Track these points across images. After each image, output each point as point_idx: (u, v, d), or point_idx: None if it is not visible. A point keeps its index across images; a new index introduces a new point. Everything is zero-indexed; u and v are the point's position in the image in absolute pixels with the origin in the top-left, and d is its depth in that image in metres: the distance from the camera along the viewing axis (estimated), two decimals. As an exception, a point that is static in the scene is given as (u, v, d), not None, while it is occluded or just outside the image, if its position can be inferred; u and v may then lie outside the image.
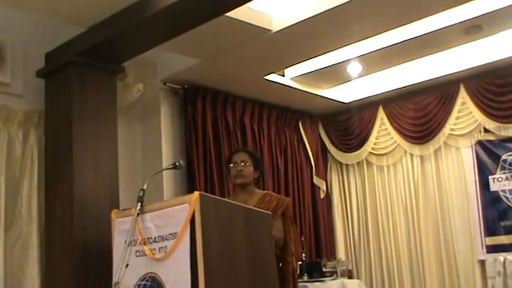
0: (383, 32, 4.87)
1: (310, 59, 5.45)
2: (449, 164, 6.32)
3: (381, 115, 6.76)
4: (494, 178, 5.98)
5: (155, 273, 3.02)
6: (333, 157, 7.19)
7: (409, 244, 6.49)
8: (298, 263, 3.91)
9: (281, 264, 3.51)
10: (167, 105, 5.59)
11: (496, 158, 5.98)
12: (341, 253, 6.96)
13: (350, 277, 6.26)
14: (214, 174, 5.61)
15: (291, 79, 6.06)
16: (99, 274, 3.52)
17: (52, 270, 4.10)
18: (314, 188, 6.95)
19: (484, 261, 5.93)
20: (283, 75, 5.99)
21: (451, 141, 6.27)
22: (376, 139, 6.83)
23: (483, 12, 4.74)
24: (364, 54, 5.44)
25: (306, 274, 5.91)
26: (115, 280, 3.02)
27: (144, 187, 3.24)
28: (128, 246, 3.08)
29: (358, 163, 7.03)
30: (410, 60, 5.82)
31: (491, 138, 6.03)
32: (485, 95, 5.96)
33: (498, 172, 5.96)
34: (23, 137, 4.32)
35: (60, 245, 4.04)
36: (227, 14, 4.04)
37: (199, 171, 5.52)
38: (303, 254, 6.12)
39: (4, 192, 4.15)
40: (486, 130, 6.02)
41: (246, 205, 3.46)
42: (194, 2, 3.62)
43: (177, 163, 3.55)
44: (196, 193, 2.91)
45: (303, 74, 5.96)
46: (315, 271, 6.01)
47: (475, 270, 5.99)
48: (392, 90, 6.44)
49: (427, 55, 5.71)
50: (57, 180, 4.17)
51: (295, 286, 3.61)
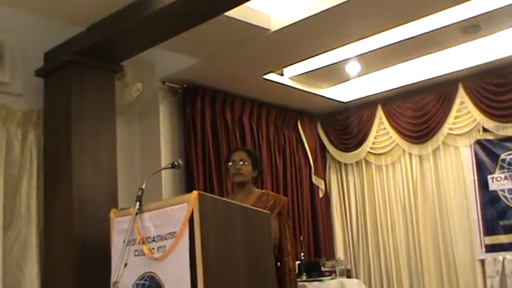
0: (382, 32, 4.88)
1: (309, 59, 5.46)
2: (448, 164, 6.32)
3: (380, 114, 6.76)
4: (493, 177, 5.99)
5: (154, 272, 3.02)
6: (332, 156, 7.20)
7: (408, 243, 6.50)
8: (295, 263, 3.88)
9: (279, 263, 3.51)
10: (166, 104, 5.59)
11: (495, 158, 5.99)
12: (340, 252, 6.97)
13: (349, 276, 6.26)
14: (213, 173, 5.61)
15: (290, 78, 6.06)
16: (97, 273, 3.51)
17: (51, 269, 4.10)
18: (313, 188, 6.95)
19: (483, 260, 5.94)
20: (282, 74, 5.99)
21: (450, 140, 6.27)
22: (374, 138, 6.83)
23: (481, 11, 4.74)
24: (362, 53, 5.44)
25: (305, 273, 5.91)
26: (113, 279, 3.02)
27: (143, 186, 3.24)
28: (127, 245, 3.07)
29: (356, 162, 7.03)
30: (408, 59, 5.82)
31: (490, 137, 6.03)
32: (484, 95, 5.97)
33: (497, 171, 5.97)
34: (22, 136, 4.32)
35: (59, 245, 4.04)
36: (226, 14, 4.04)
37: (198, 170, 5.52)
38: (302, 254, 6.12)
39: (3, 191, 4.15)
40: (485, 129, 6.02)
41: (244, 204, 3.46)
42: (193, 2, 3.62)
43: (176, 162, 3.55)
44: (195, 192, 2.91)
45: (302, 74, 5.96)
46: (314, 270, 6.01)
47: (474, 269, 5.99)
48: (391, 89, 6.44)
49: (426, 55, 5.71)
50: (56, 179, 4.17)
51: (293, 285, 3.61)
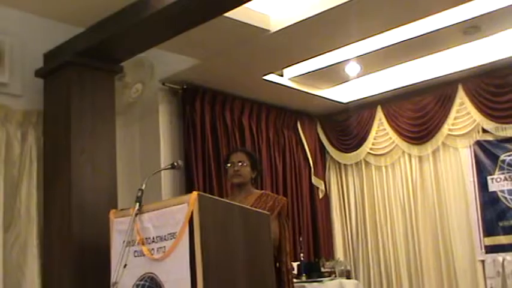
0: (381, 33, 4.88)
1: (308, 59, 5.46)
2: (447, 165, 6.32)
3: (379, 115, 6.77)
4: (492, 178, 5.99)
5: (153, 273, 3.02)
6: (332, 157, 7.20)
7: (407, 244, 6.50)
8: (292, 263, 3.89)
9: (277, 264, 3.52)
10: (166, 105, 5.59)
11: (495, 159, 5.99)
12: (339, 253, 6.97)
13: (348, 277, 6.25)
14: (212, 174, 5.61)
15: (290, 79, 6.07)
16: (97, 274, 3.51)
17: (51, 270, 4.09)
18: (312, 188, 6.95)
19: (483, 261, 5.94)
20: (281, 75, 6.00)
21: (450, 141, 6.28)
22: (374, 139, 6.84)
23: (481, 12, 4.75)
24: (362, 54, 5.45)
25: (304, 274, 5.91)
26: (113, 280, 3.01)
27: (143, 187, 3.24)
28: (126, 246, 3.07)
29: (356, 163, 7.04)
30: (408, 60, 5.83)
31: (489, 138, 6.03)
32: (483, 96, 5.97)
33: (497, 172, 5.97)
34: (22, 137, 4.31)
35: (58, 245, 4.03)
36: (225, 15, 4.04)
37: (197, 171, 5.52)
38: (301, 254, 6.12)
39: (3, 192, 4.13)
40: (484, 130, 6.02)
41: (244, 205, 3.46)
42: (193, 2, 3.61)
43: (176, 163, 3.54)
44: (194, 193, 2.91)
45: (302, 74, 5.97)
46: (313, 271, 6.01)
47: (474, 270, 5.99)
48: (390, 90, 6.45)
49: (425, 55, 5.71)
50: (55, 180, 4.16)
51: (290, 286, 3.61)
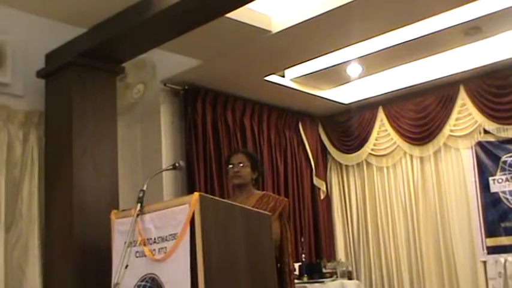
0: (383, 34, 4.88)
1: (310, 60, 5.46)
2: (449, 165, 6.32)
3: (381, 116, 6.77)
4: (494, 179, 5.99)
5: (155, 274, 3.02)
6: (333, 158, 7.20)
7: (409, 245, 6.49)
8: (294, 264, 3.88)
9: (279, 265, 3.52)
10: (167, 105, 5.59)
11: (496, 159, 5.99)
12: (341, 254, 6.97)
13: (350, 278, 6.26)
14: (214, 175, 5.61)
15: (291, 80, 6.07)
16: (98, 275, 3.52)
17: (52, 270, 4.09)
18: (314, 189, 6.95)
19: (485, 262, 5.94)
20: (283, 76, 6.00)
21: (451, 142, 6.28)
22: (375, 140, 6.84)
23: (482, 13, 4.75)
24: (364, 55, 5.45)
25: (306, 275, 5.91)
26: (114, 281, 3.01)
27: (144, 188, 3.23)
28: (128, 247, 3.07)
29: (357, 164, 7.04)
30: (410, 61, 5.83)
31: (491, 139, 6.03)
32: (485, 96, 5.97)
33: (498, 173, 5.96)
34: (23, 137, 4.32)
35: (60, 246, 4.04)
36: (227, 15, 4.05)
37: (199, 172, 5.52)
38: (303, 255, 6.12)
39: (4, 192, 4.14)
40: (486, 131, 6.03)
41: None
42: (194, 3, 3.62)
43: (177, 164, 3.54)
44: (196, 194, 2.91)
45: (303, 75, 5.97)
46: (315, 272, 6.01)
47: (476, 271, 5.99)
48: (392, 91, 6.45)
49: (427, 56, 5.71)
50: (57, 180, 4.16)
51: (292, 287, 3.61)
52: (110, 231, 3.37)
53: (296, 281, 5.54)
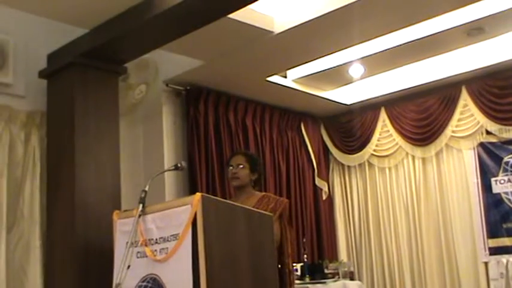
0: (385, 34, 4.87)
1: (312, 61, 5.45)
2: (451, 166, 6.31)
3: (383, 117, 6.76)
4: (496, 180, 5.97)
5: (156, 274, 3.02)
6: (335, 159, 7.20)
7: (411, 246, 6.49)
8: (294, 265, 3.86)
9: (279, 265, 3.51)
10: (169, 106, 5.59)
11: (498, 160, 5.98)
12: (343, 255, 6.97)
13: (352, 279, 6.26)
14: (216, 175, 5.61)
15: (293, 81, 6.06)
16: (100, 275, 3.52)
17: (54, 271, 4.10)
18: (316, 190, 6.95)
19: (487, 263, 5.93)
20: (285, 76, 5.99)
21: (453, 143, 6.27)
22: (378, 141, 6.83)
23: (485, 14, 4.74)
24: (366, 56, 5.45)
25: (308, 275, 5.91)
26: (116, 281, 3.01)
27: (146, 188, 3.23)
28: (129, 247, 3.07)
29: (360, 165, 7.03)
30: (412, 62, 5.82)
31: (493, 140, 6.02)
32: (487, 97, 5.96)
33: (500, 174, 5.95)
34: (25, 138, 4.32)
35: (61, 246, 4.04)
36: (230, 16, 4.05)
37: (201, 172, 5.52)
38: (305, 256, 6.12)
39: (6, 192, 4.15)
40: (488, 132, 6.01)
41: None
42: (197, 4, 3.62)
43: (179, 164, 3.54)
44: (198, 194, 2.91)
45: (305, 76, 5.97)
46: (317, 272, 6.02)
47: (478, 272, 5.97)
48: (394, 92, 6.44)
49: (429, 57, 5.71)
50: (59, 181, 4.17)
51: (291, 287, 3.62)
52: (112, 231, 3.38)
53: (298, 282, 5.56)
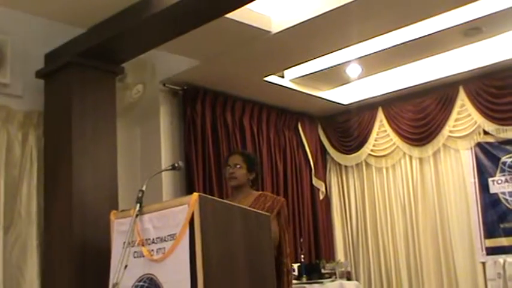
0: (382, 34, 4.88)
1: (309, 61, 5.46)
2: (448, 166, 6.32)
3: (380, 117, 6.77)
4: (493, 180, 5.98)
5: (153, 274, 3.01)
6: (332, 159, 7.20)
7: (408, 246, 6.49)
8: (292, 264, 3.86)
9: (277, 265, 3.51)
10: (166, 106, 5.59)
11: (496, 160, 5.98)
12: (340, 255, 6.96)
13: (349, 278, 6.25)
14: (213, 175, 5.61)
15: (291, 81, 6.07)
16: (97, 275, 3.51)
17: (51, 271, 4.09)
18: (313, 190, 6.95)
19: (484, 263, 5.93)
20: (282, 76, 5.99)
21: (450, 143, 6.27)
22: (375, 141, 6.84)
23: (482, 14, 4.75)
24: (363, 56, 5.45)
25: (305, 275, 5.91)
26: (113, 281, 3.01)
27: (143, 188, 3.23)
28: (127, 247, 3.07)
29: (357, 165, 7.03)
30: (409, 62, 5.83)
31: (490, 140, 6.03)
32: (484, 97, 5.96)
33: (498, 174, 5.96)
34: (22, 138, 4.31)
35: (59, 246, 4.03)
36: (227, 16, 4.05)
37: (198, 172, 5.52)
38: (302, 256, 6.12)
39: (3, 192, 4.14)
40: (485, 132, 6.02)
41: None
42: (194, 4, 3.62)
43: (176, 164, 3.54)
44: (195, 194, 2.91)
45: (303, 76, 5.97)
46: (314, 272, 6.01)
47: (475, 272, 5.98)
48: (391, 92, 6.45)
49: (427, 57, 5.71)
50: (56, 181, 4.16)
51: (289, 287, 3.61)
52: (109, 231, 3.37)
53: (295, 282, 5.56)
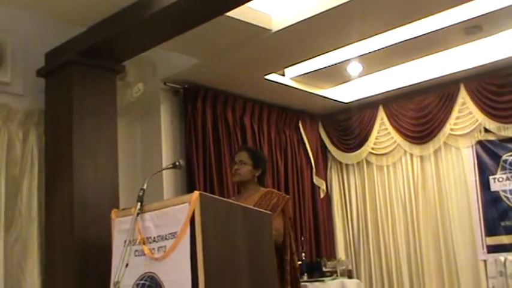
0: (383, 32, 4.87)
1: (310, 59, 5.45)
2: (449, 164, 6.31)
3: (381, 115, 6.76)
4: (494, 178, 5.98)
5: (154, 272, 3.02)
6: (333, 157, 7.19)
7: (409, 244, 6.49)
8: (298, 262, 3.84)
9: (281, 263, 3.51)
10: (167, 104, 5.58)
11: (497, 158, 5.98)
12: (341, 253, 6.96)
13: (350, 277, 6.26)
14: (213, 173, 5.61)
15: (291, 79, 6.06)
16: (98, 273, 3.51)
17: (52, 269, 4.10)
18: (314, 188, 6.94)
19: (485, 261, 5.93)
20: (283, 75, 5.99)
21: (451, 141, 6.27)
22: (376, 139, 6.83)
23: (483, 12, 4.74)
24: (364, 54, 5.44)
25: (306, 274, 5.91)
26: (115, 279, 3.01)
27: (144, 187, 3.23)
28: (128, 245, 3.07)
29: (358, 163, 7.03)
30: (410, 60, 5.82)
31: (491, 138, 6.03)
32: (485, 95, 5.96)
33: (499, 172, 5.96)
34: (23, 137, 4.32)
35: (60, 245, 4.04)
36: (227, 14, 4.04)
37: (199, 170, 5.51)
38: (303, 254, 6.12)
39: (4, 191, 4.15)
40: (486, 130, 6.02)
41: (247, 203, 3.48)
42: (194, 2, 3.62)
43: (177, 163, 3.54)
44: (196, 193, 2.91)
45: (303, 74, 5.96)
46: (315, 271, 6.02)
47: (476, 270, 5.98)
48: (392, 90, 6.44)
49: (427, 55, 5.70)
50: (57, 179, 4.17)
51: (295, 285, 3.60)
52: (110, 230, 3.38)
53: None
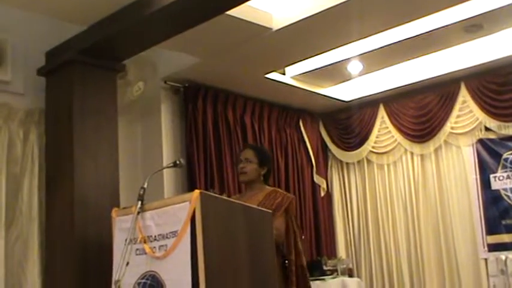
0: (384, 31, 4.87)
1: (310, 58, 5.45)
2: (449, 163, 6.31)
3: (382, 113, 6.76)
4: (495, 177, 5.98)
5: (155, 271, 3.02)
6: (334, 155, 7.20)
7: (409, 242, 6.49)
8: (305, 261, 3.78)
9: (286, 261, 3.50)
10: (168, 103, 5.58)
11: (497, 157, 5.98)
12: (341, 251, 6.97)
13: (351, 275, 6.26)
14: (214, 172, 5.61)
15: (292, 77, 6.06)
16: (99, 272, 3.52)
17: (53, 268, 4.10)
18: (314, 187, 6.94)
19: (486, 259, 5.93)
20: (283, 73, 5.99)
21: (452, 139, 6.27)
22: (376, 137, 6.83)
23: (483, 10, 4.73)
24: (364, 52, 5.44)
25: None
26: (115, 278, 3.02)
27: (145, 185, 3.23)
28: (128, 244, 3.08)
29: (358, 161, 7.03)
30: (411, 58, 5.81)
31: (492, 136, 6.03)
32: (486, 94, 5.96)
33: (499, 171, 5.96)
34: (24, 136, 4.32)
35: (60, 244, 4.04)
36: (228, 13, 4.04)
37: (199, 169, 5.52)
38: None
39: (5, 190, 4.15)
40: (487, 129, 6.02)
41: (251, 202, 3.46)
42: (195, 1, 3.61)
43: (178, 161, 3.54)
44: (196, 191, 2.91)
45: (304, 73, 5.96)
46: (316, 269, 6.02)
47: (477, 268, 5.98)
48: (393, 88, 6.44)
49: (428, 54, 5.70)
50: (57, 178, 4.17)
51: (304, 286, 3.57)
52: (111, 228, 3.38)
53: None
